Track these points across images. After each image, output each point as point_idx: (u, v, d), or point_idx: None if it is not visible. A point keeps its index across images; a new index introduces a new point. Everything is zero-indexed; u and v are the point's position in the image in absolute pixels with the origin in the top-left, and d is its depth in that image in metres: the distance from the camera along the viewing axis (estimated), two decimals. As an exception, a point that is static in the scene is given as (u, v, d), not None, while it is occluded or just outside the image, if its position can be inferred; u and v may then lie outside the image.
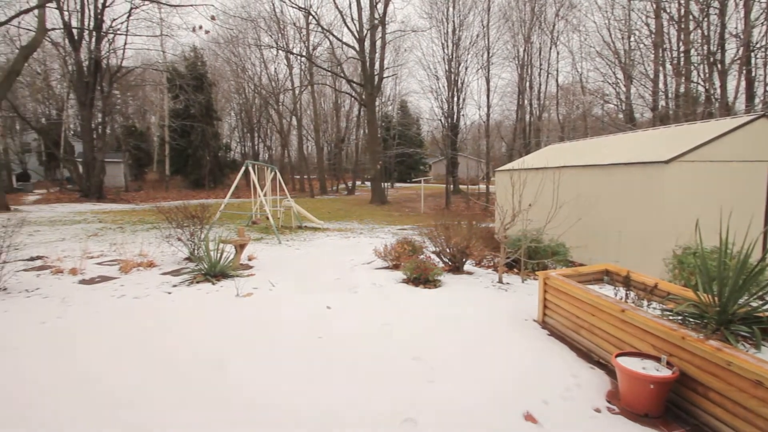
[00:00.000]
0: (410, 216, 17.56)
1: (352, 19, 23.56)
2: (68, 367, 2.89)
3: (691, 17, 14.90)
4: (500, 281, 5.53)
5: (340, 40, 25.58)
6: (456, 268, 6.15)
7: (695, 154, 5.68)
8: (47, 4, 16.34)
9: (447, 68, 26.08)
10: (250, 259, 6.87)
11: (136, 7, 20.53)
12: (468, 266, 6.48)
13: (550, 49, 25.50)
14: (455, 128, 28.18)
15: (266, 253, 7.70)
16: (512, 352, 3.26)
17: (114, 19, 20.88)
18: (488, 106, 25.46)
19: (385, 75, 26.77)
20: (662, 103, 17.32)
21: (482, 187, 28.47)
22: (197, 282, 5.26)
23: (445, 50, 26.00)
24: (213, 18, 21.01)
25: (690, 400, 2.36)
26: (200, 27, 21.19)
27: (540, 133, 26.41)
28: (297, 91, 31.75)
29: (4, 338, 3.40)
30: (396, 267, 6.24)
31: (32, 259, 6.52)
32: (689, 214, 4.52)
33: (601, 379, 2.82)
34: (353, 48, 24.14)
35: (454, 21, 25.34)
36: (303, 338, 3.47)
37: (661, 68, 17.25)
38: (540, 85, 26.63)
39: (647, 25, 17.16)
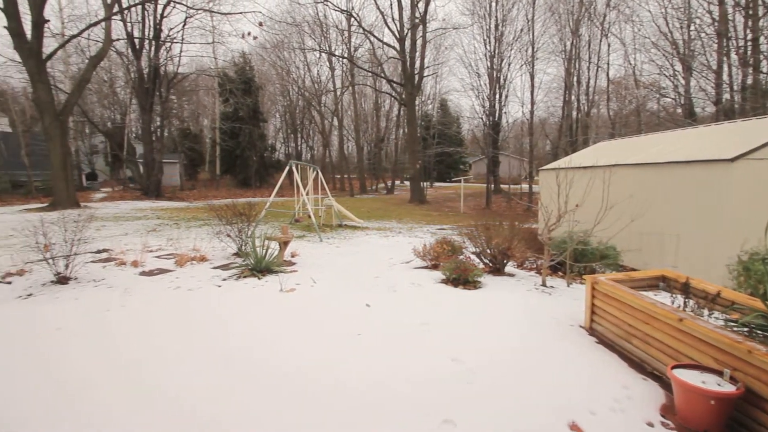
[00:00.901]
0: (449, 216, 17.35)
1: (393, 19, 23.65)
2: (130, 351, 3.14)
3: (760, 2, 13.53)
4: (543, 284, 5.33)
5: (381, 41, 25.74)
6: (497, 270, 6.00)
7: (765, 152, 5.16)
8: (113, 17, 17.77)
9: (489, 65, 25.46)
10: (293, 256, 7.09)
11: (191, 17, 21.87)
12: (509, 268, 6.31)
13: (600, 41, 24.14)
14: (497, 126, 27.45)
15: (308, 250, 7.91)
16: (556, 358, 3.14)
17: (171, 29, 22.37)
18: (532, 103, 24.54)
19: (425, 74, 26.62)
20: (726, 96, 15.87)
21: (524, 186, 27.53)
22: (244, 276, 5.51)
23: (487, 46, 25.39)
24: (261, 24, 21.90)
25: (757, 419, 2.16)
26: (249, 33, 22.23)
27: (588, 130, 25.08)
28: (338, 93, 32.37)
29: (75, 323, 3.75)
30: (435, 267, 6.20)
31: (99, 251, 7.12)
32: (757, 217, 4.12)
33: (654, 391, 2.65)
34: (394, 48, 24.21)
35: (496, 16, 24.67)
36: (343, 335, 3.54)
37: (725, 58, 15.81)
38: (588, 79, 25.29)
39: (709, 12, 15.80)
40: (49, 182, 19.31)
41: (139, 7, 20.39)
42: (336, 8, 25.21)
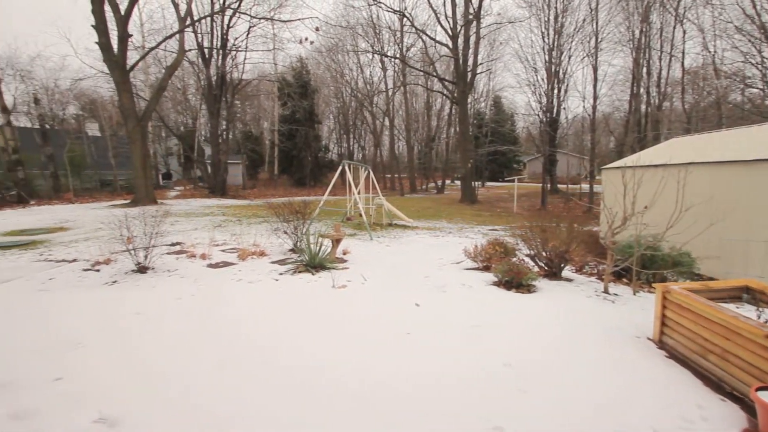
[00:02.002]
0: (502, 216, 16.78)
1: (446, 17, 23.30)
2: (200, 335, 3.41)
3: None
4: (606, 291, 4.98)
5: (434, 39, 25.46)
6: (553, 274, 5.71)
7: None
8: (185, 29, 19.31)
9: (547, 59, 24.20)
10: (344, 254, 7.27)
11: (254, 26, 23.17)
12: (567, 272, 5.98)
13: (674, 28, 21.94)
14: (554, 123, 26.03)
15: (359, 248, 8.06)
16: (619, 370, 2.92)
17: (236, 38, 23.86)
18: (594, 97, 22.93)
19: (478, 71, 25.93)
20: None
21: (585, 186, 25.87)
22: (299, 272, 5.75)
23: (546, 39, 24.14)
24: (317, 29, 22.62)
25: None
26: (306, 39, 23.12)
27: (659, 125, 22.96)
28: (390, 93, 32.58)
29: (154, 309, 4.14)
30: (486, 268, 6.04)
31: (173, 244, 7.79)
32: None
33: (734, 413, 2.38)
34: (446, 46, 23.86)
35: (556, 7, 23.37)
36: (392, 333, 3.57)
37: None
38: (660, 70, 23.09)
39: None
40: (131, 181, 21.54)
41: (209, 19, 21.97)
42: (389, 9, 25.40)
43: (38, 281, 5.17)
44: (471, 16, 22.40)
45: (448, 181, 37.87)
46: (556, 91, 25.32)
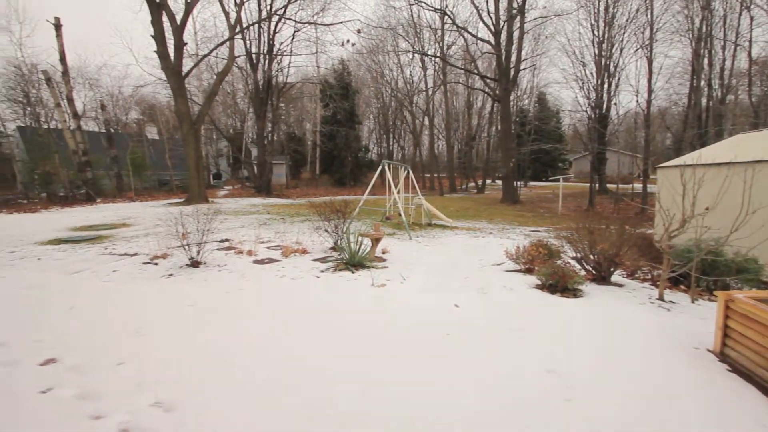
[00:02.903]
0: (545, 217, 16.14)
1: (488, 13, 22.73)
2: (248, 327, 3.57)
3: None
4: (661, 298, 4.66)
5: (475, 36, 24.94)
6: (601, 278, 5.42)
7: None
8: (235, 36, 20.26)
9: (596, 52, 22.87)
10: (383, 253, 7.32)
11: (298, 30, 23.88)
12: (617, 277, 5.65)
13: (740, 14, 19.99)
14: (604, 119, 24.58)
15: (398, 247, 8.08)
16: (676, 384, 2.72)
17: (281, 43, 24.72)
18: (649, 92, 21.38)
19: (522, 67, 25.08)
20: None
21: (637, 186, 24.26)
22: (339, 270, 5.86)
23: (595, 32, 22.83)
24: (359, 31, 22.92)
25: None
26: (348, 41, 23.46)
27: (722, 121, 21.02)
28: (430, 92, 32.34)
29: (206, 301, 4.39)
30: (529, 271, 5.84)
31: (222, 241, 8.21)
32: None
33: (813, 440, 2.14)
34: (488, 42, 23.31)
35: (606, -2, 22.08)
36: (432, 333, 3.55)
37: None
38: (723, 60, 21.13)
39: None
40: (185, 181, 23.00)
41: (256, 25, 22.93)
42: (430, 8, 25.18)
43: (104, 273, 5.65)
44: (515, 11, 21.72)
45: (488, 181, 36.97)
46: (606, 85, 23.90)
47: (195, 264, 6.01)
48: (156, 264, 6.15)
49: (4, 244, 7.80)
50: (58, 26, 18.88)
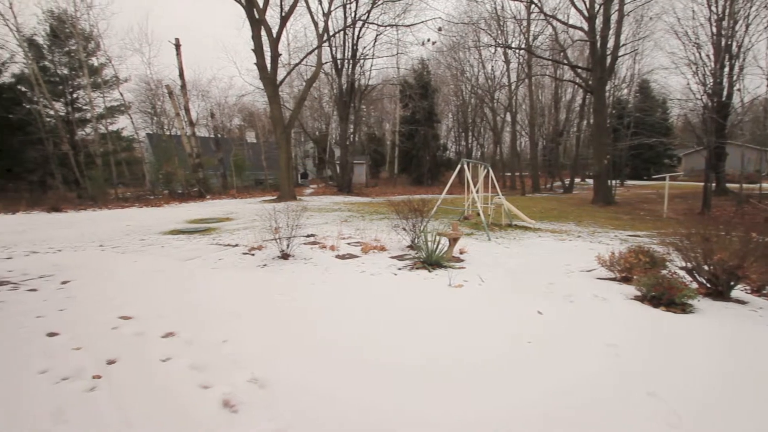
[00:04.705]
0: (646, 221, 14.31)
1: (581, -2, 20.79)
2: (331, 317, 3.77)
3: None
4: (802, 322, 3.82)
5: (565, 23, 23.03)
6: (718, 293, 4.63)
7: None
8: (323, 44, 21.44)
9: (714, 31, 19.43)
10: (461, 253, 7.15)
11: (380, 34, 24.44)
12: (738, 292, 4.79)
13: None
14: (724, 108, 20.80)
15: (476, 248, 7.84)
16: (824, 428, 2.21)
17: (364, 47, 25.53)
18: (789, 73, 17.66)
19: (620, 54, 22.47)
20: None
21: (766, 186, 20.23)
22: (416, 268, 5.87)
23: (713, 7, 19.45)
24: (440, 29, 22.70)
25: None
26: (429, 40, 23.39)
27: None
28: (513, 86, 30.73)
29: (294, 291, 4.72)
30: (625, 280, 5.23)
31: (308, 236, 8.75)
32: None
33: None
34: (580, 29, 21.36)
35: (731, -34, 18.68)
36: (511, 339, 3.36)
37: None
38: None
39: None
40: (277, 180, 25.15)
41: (341, 32, 24.01)
42: (515, -2, 23.91)
43: (212, 261, 6.41)
44: (613, -7, 19.55)
45: (577, 180, 33.95)
46: (726, 69, 20.27)
47: (285, 256, 6.50)
48: (253, 255, 6.80)
49: (137, 233, 9.31)
50: (177, 46, 21.86)
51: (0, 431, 2.06)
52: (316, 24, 22.15)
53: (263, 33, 18.46)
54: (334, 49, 24.93)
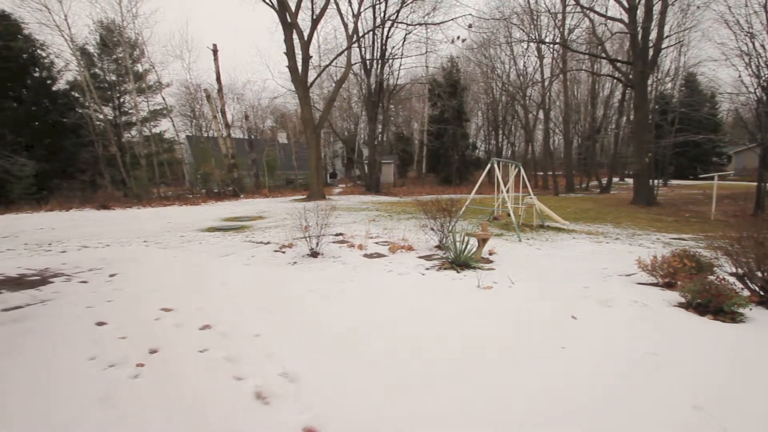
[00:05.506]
0: (692, 223, 13.50)
1: (621, -12, 19.85)
2: (359, 314, 3.80)
3: None
4: None
5: (604, 15, 22.06)
6: (774, 302, 4.30)
7: None
8: (352, 46, 21.64)
9: (771, 18, 18.08)
10: (490, 254, 7.03)
11: (409, 33, 24.38)
12: (799, 302, 4.41)
13: None
14: (782, 102, 19.30)
15: (506, 249, 7.67)
16: None
17: (393, 47, 25.55)
18: None
19: (664, 45, 21.29)
20: None
21: (835, 185, 18.50)
22: (444, 268, 5.82)
23: (771, -7, 18.05)
24: (470, 26, 22.35)
25: None
26: (458, 37, 23.14)
27: None
28: (546, 83, 29.80)
29: (323, 288, 4.78)
30: (668, 286, 4.96)
31: (336, 235, 8.85)
32: None
33: None
34: (620, 21, 20.39)
35: (793, -53, 17.24)
36: (543, 343, 3.27)
37: None
38: None
39: None
40: (307, 180, 25.69)
41: (370, 33, 24.15)
42: (550, -8, 23.16)
43: (245, 257, 6.63)
44: (656, -18, 18.55)
45: (615, 179, 32.49)
46: (786, 58, 18.72)
47: (314, 254, 6.63)
48: (284, 252, 6.97)
49: (177, 230, 9.78)
50: (215, 51, 22.75)
51: (54, 413, 2.22)
52: (345, 25, 22.40)
53: (295, 36, 18.87)
54: (363, 49, 25.12)
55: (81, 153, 23.46)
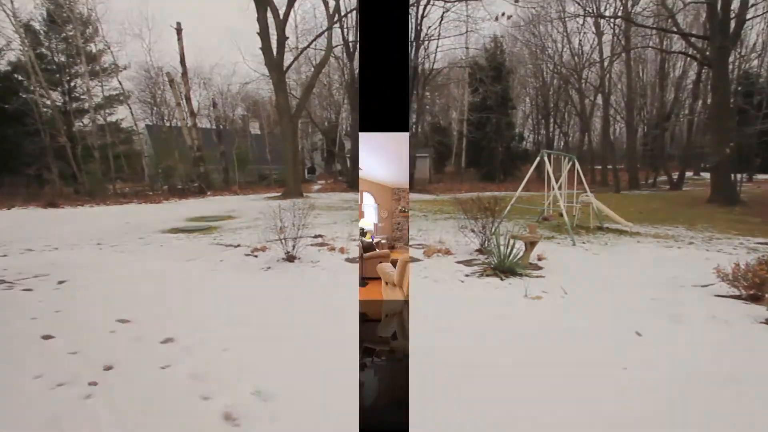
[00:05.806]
0: (785, 224, 12.52)
1: (698, -50, 18.73)
2: (341, 327, 3.82)
3: None
4: None
5: (676, -17, 20.91)
6: None
7: None
8: (333, 26, 21.44)
9: None
10: (539, 259, 6.86)
11: (447, 11, 24.11)
12: None
13: None
14: None
15: (557, 254, 7.46)
16: None
17: (429, 27, 25.36)
18: None
19: (749, 15, 19.85)
20: None
21: None
22: (486, 275, 5.74)
23: None
24: (517, 0, 21.80)
25: None
26: (503, 14, 22.58)
27: None
28: (606, 63, 28.59)
29: (301, 297, 4.78)
30: (754, 299, 4.65)
31: (315, 236, 8.55)
32: None
33: None
34: (696, -11, 19.24)
35: None
36: (602, 363, 3.16)
37: None
38: None
39: None
40: (282, 175, 25.30)
41: (353, 13, 23.65)
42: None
43: (213, 262, 6.58)
44: (741, -60, 17.34)
45: (689, 174, 30.72)
46: None
47: (290, 258, 6.52)
48: (256, 256, 6.89)
49: (135, 232, 9.85)
50: (179, 30, 22.72)
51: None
52: (326, 3, 22.14)
53: (269, 14, 18.36)
54: (345, 31, 24.72)
55: (25, 144, 22.29)
